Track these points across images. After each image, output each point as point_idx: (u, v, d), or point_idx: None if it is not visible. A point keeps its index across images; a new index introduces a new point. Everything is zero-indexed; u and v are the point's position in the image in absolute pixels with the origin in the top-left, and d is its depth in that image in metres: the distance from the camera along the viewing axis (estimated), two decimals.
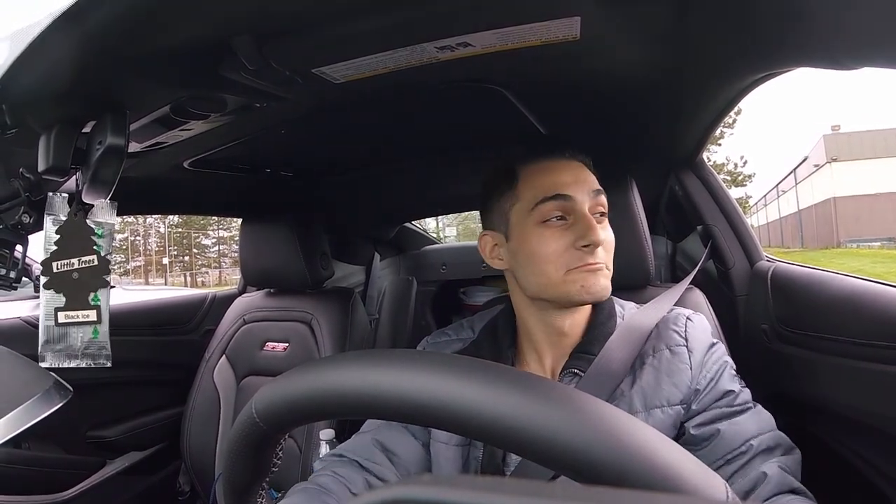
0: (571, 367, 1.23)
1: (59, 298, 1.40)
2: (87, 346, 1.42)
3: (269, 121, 1.47)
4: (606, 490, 0.33)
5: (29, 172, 1.18)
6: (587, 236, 1.19)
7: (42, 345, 1.39)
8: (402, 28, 0.98)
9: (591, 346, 1.25)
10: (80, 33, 0.84)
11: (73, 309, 1.41)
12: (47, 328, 1.40)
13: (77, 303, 1.41)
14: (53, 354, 1.39)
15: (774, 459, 1.09)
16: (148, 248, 57.72)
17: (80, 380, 1.38)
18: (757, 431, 1.12)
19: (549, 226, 1.23)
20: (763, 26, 0.99)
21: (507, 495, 0.29)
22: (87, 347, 1.42)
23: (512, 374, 0.56)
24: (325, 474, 1.28)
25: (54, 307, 1.40)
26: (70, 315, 1.41)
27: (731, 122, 34.23)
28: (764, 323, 1.71)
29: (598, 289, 1.21)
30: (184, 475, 2.61)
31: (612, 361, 1.21)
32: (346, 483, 1.26)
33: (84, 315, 1.42)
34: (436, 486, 0.31)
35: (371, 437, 1.35)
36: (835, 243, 31.12)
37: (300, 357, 2.35)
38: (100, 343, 1.44)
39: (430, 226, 6.37)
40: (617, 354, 1.22)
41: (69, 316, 1.41)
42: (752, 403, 1.19)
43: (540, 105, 1.48)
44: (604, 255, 1.23)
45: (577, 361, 1.24)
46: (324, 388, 0.60)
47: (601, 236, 1.21)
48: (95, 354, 1.43)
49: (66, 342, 1.41)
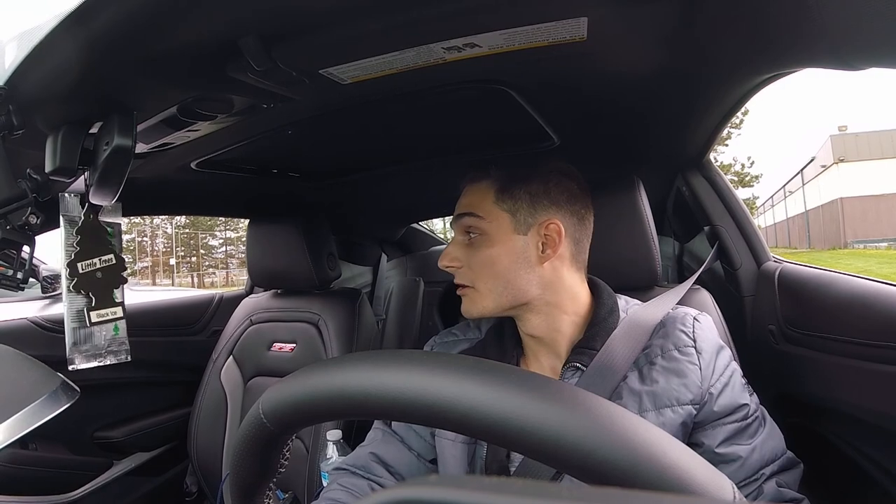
0: (573, 362, 1.24)
1: (87, 299, 1.40)
2: (110, 343, 1.43)
3: (276, 122, 1.47)
4: (614, 491, 0.33)
5: (36, 173, 1.18)
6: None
7: (70, 348, 1.39)
8: (409, 28, 0.98)
9: (594, 342, 1.26)
10: (87, 34, 0.85)
11: (102, 307, 1.42)
12: (73, 330, 1.40)
13: (105, 301, 1.42)
14: (81, 355, 1.40)
15: (776, 477, 1.17)
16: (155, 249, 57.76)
17: (88, 381, 1.38)
18: (771, 458, 1.18)
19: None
20: (770, 27, 0.99)
21: (515, 496, 0.29)
22: (110, 345, 1.43)
23: (519, 375, 0.56)
24: (333, 489, 1.32)
25: (85, 307, 1.41)
26: (101, 314, 1.42)
27: (739, 123, 34.05)
28: (771, 323, 1.70)
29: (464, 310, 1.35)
30: (191, 476, 2.62)
31: (615, 356, 1.23)
32: (353, 490, 1.30)
33: (112, 312, 1.44)
34: (443, 486, 0.31)
35: (368, 451, 1.40)
36: (842, 244, 30.99)
37: (307, 358, 2.35)
38: (120, 339, 1.45)
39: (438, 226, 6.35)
40: (620, 349, 1.24)
41: (100, 315, 1.42)
42: (762, 414, 1.24)
43: (547, 106, 1.47)
44: (468, 274, 1.33)
45: (579, 356, 1.25)
46: (331, 388, 0.60)
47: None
48: (118, 350, 1.45)
49: (92, 342, 1.42)
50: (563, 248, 1.29)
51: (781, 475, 1.18)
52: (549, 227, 1.27)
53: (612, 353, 1.23)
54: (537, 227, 1.28)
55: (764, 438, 1.19)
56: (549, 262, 1.28)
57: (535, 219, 1.28)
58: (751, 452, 1.16)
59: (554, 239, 1.27)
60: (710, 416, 1.19)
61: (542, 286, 1.28)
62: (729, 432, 1.18)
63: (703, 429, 1.20)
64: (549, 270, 1.28)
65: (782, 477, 1.17)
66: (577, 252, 1.32)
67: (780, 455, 1.20)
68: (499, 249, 1.28)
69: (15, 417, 1.08)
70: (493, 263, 1.28)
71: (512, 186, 1.30)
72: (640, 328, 1.27)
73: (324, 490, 1.34)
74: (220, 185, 2.13)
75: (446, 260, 1.35)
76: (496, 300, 1.29)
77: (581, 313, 1.32)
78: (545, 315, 1.31)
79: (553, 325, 1.31)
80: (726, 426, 1.19)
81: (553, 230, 1.27)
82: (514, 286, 1.28)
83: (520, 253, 1.28)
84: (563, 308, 1.30)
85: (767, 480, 1.15)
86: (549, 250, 1.27)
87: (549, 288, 1.29)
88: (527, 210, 1.28)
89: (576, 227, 1.32)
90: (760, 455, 1.17)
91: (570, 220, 1.30)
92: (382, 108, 1.44)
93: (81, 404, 1.25)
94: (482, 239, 1.30)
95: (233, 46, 0.95)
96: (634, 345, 1.25)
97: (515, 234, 1.28)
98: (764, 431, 1.20)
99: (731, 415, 1.19)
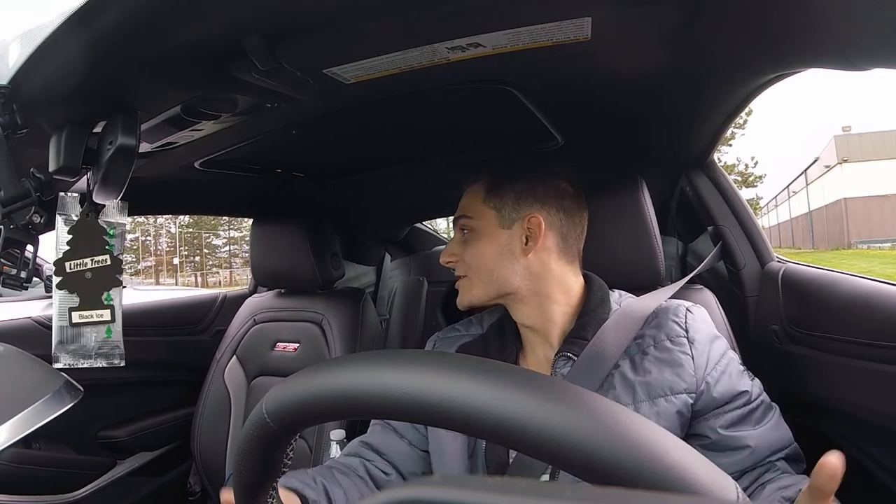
0: (565, 352, 1.28)
1: (73, 298, 1.40)
2: (101, 345, 1.42)
3: (280, 121, 1.47)
4: (617, 491, 0.33)
5: (40, 172, 1.18)
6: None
7: (56, 345, 1.39)
8: (413, 28, 0.98)
9: (584, 331, 1.30)
10: (90, 34, 0.85)
11: (86, 309, 1.41)
12: (61, 328, 1.40)
13: (91, 302, 1.41)
14: (67, 354, 1.39)
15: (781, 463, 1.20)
16: (158, 249, 57.89)
17: (91, 380, 1.39)
18: (780, 446, 1.21)
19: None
20: (774, 27, 0.99)
21: (518, 496, 0.29)
22: (101, 347, 1.42)
23: (522, 375, 0.56)
24: (328, 465, 1.38)
25: (68, 307, 1.41)
26: (84, 315, 1.41)
27: (742, 123, 34.14)
28: (774, 324, 1.70)
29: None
30: (194, 475, 2.61)
31: (606, 346, 1.26)
32: (348, 468, 1.37)
33: (98, 315, 1.42)
34: (446, 486, 0.31)
35: (359, 441, 1.48)
36: (845, 244, 30.99)
37: (311, 357, 2.35)
38: (113, 342, 1.44)
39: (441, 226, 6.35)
40: (611, 339, 1.27)
41: (83, 316, 1.41)
42: (766, 400, 1.27)
43: (550, 106, 1.48)
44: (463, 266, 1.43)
45: (570, 346, 1.29)
46: (334, 388, 0.60)
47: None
48: (109, 354, 1.44)
49: (80, 342, 1.41)
50: (548, 241, 1.36)
51: (790, 465, 1.20)
52: (532, 221, 1.35)
53: (602, 342, 1.26)
54: (521, 221, 1.36)
55: (773, 424, 1.22)
56: (535, 254, 1.35)
57: (519, 214, 1.37)
58: (760, 439, 1.19)
59: (536, 232, 1.34)
60: (710, 405, 1.22)
61: (527, 276, 1.36)
62: (733, 419, 1.21)
63: (705, 417, 1.23)
64: (535, 261, 1.35)
65: (791, 467, 1.20)
66: (564, 245, 1.38)
67: (787, 444, 1.22)
68: (485, 243, 1.38)
69: (18, 417, 1.09)
70: (481, 256, 1.38)
71: (499, 186, 1.39)
72: (631, 318, 1.30)
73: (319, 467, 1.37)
74: (223, 185, 2.13)
75: (445, 256, 1.46)
76: (484, 289, 1.38)
77: (573, 304, 1.37)
78: (535, 305, 1.36)
79: (544, 314, 1.36)
80: (729, 413, 1.21)
81: (535, 224, 1.35)
82: (500, 276, 1.36)
83: (504, 245, 1.36)
84: (553, 298, 1.35)
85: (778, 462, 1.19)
86: (532, 242, 1.35)
87: (535, 278, 1.35)
88: (511, 206, 1.38)
89: (563, 221, 1.38)
90: (770, 442, 1.19)
91: (556, 215, 1.37)
92: (386, 108, 1.44)
93: (85, 404, 1.25)
94: (472, 235, 1.41)
95: (237, 46, 0.95)
96: (626, 334, 1.28)
97: (500, 228, 1.38)
98: (772, 419, 1.23)
99: (732, 402, 1.22)
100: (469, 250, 1.40)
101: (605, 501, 0.31)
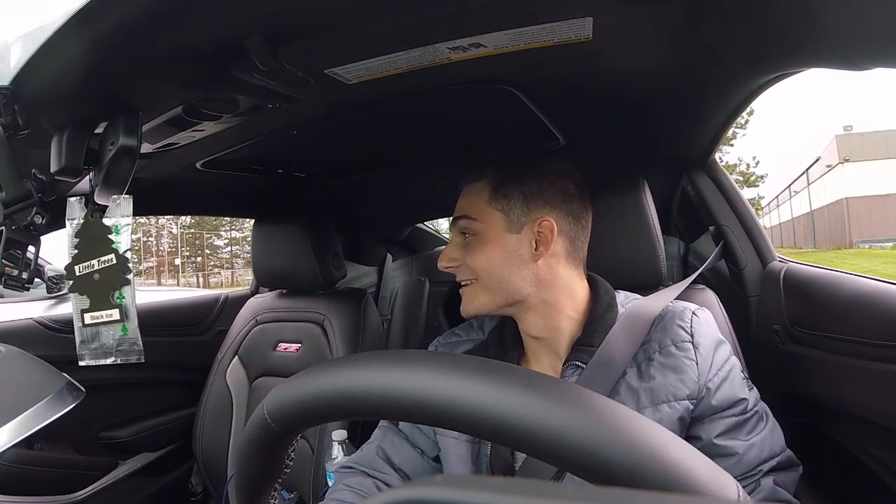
0: (573, 360, 1.25)
1: (84, 300, 1.40)
2: (120, 343, 1.43)
3: (281, 122, 1.47)
4: (618, 491, 0.33)
5: (41, 173, 1.18)
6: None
7: (79, 345, 1.39)
8: (414, 28, 0.98)
9: (592, 339, 1.27)
10: (92, 34, 0.85)
11: (97, 309, 1.42)
12: (80, 329, 1.41)
13: (100, 303, 1.42)
14: (90, 353, 1.40)
15: (773, 475, 1.18)
16: (160, 249, 57.93)
17: (93, 381, 1.39)
18: (769, 456, 1.19)
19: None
20: (776, 27, 0.99)
21: (520, 496, 0.29)
22: (120, 345, 1.43)
23: (523, 375, 0.56)
24: (339, 489, 1.33)
25: (80, 309, 1.41)
26: (94, 316, 1.41)
27: (744, 123, 34.13)
28: (776, 323, 1.70)
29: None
30: (196, 476, 2.62)
31: (614, 352, 1.24)
32: (359, 490, 1.31)
33: (108, 314, 1.43)
34: (449, 486, 0.31)
35: (374, 447, 1.42)
36: (847, 244, 30.94)
37: (313, 358, 2.35)
38: (131, 340, 1.44)
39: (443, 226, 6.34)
40: (619, 345, 1.25)
41: (94, 317, 1.41)
42: (762, 409, 1.25)
43: (552, 106, 1.48)
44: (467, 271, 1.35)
45: (578, 354, 1.26)
46: (336, 389, 0.60)
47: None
48: (128, 351, 1.44)
49: (100, 341, 1.41)
50: (557, 246, 1.30)
51: (779, 474, 1.19)
52: (542, 225, 1.28)
53: (610, 348, 1.24)
54: (530, 225, 1.29)
55: (763, 436, 1.20)
56: (544, 260, 1.29)
57: (529, 217, 1.30)
58: (748, 448, 1.17)
59: (547, 236, 1.28)
60: (708, 410, 1.20)
61: (536, 283, 1.29)
62: (727, 426, 1.19)
63: (700, 422, 1.21)
64: (543, 268, 1.29)
65: (780, 476, 1.18)
66: (572, 249, 1.33)
67: (778, 453, 1.20)
68: (492, 248, 1.30)
69: (20, 417, 1.09)
70: (487, 262, 1.30)
71: (506, 187, 1.32)
72: (638, 321, 1.28)
73: (330, 490, 1.35)
74: (225, 185, 2.14)
75: (445, 261, 1.38)
76: (491, 297, 1.32)
77: (580, 310, 1.33)
78: (542, 314, 1.32)
79: (551, 323, 1.31)
80: (724, 420, 1.20)
81: (546, 228, 1.28)
82: (509, 283, 1.29)
83: (513, 251, 1.29)
84: (561, 307, 1.31)
85: (765, 476, 1.17)
86: (542, 248, 1.28)
87: (544, 285, 1.30)
88: (520, 209, 1.30)
89: (571, 225, 1.33)
90: (759, 452, 1.18)
91: (565, 218, 1.32)
92: (387, 108, 1.45)
93: (87, 404, 1.25)
94: (476, 239, 1.33)
95: (238, 47, 0.95)
96: (634, 338, 1.25)
97: (508, 232, 1.30)
98: (764, 429, 1.21)
99: (730, 409, 1.20)
100: (473, 255, 1.32)
101: (606, 502, 0.31)
